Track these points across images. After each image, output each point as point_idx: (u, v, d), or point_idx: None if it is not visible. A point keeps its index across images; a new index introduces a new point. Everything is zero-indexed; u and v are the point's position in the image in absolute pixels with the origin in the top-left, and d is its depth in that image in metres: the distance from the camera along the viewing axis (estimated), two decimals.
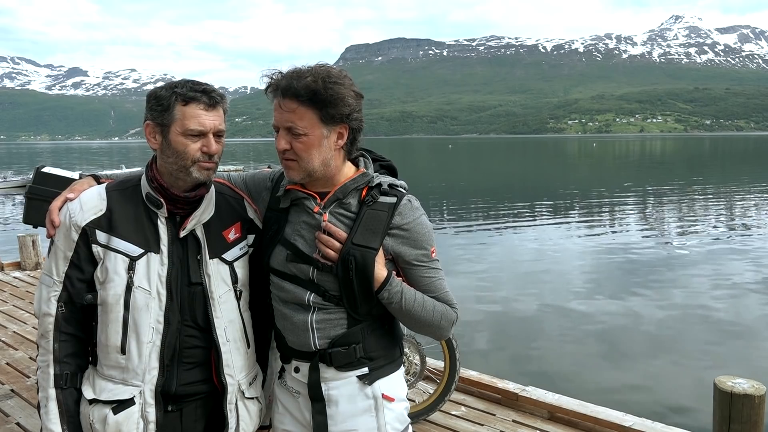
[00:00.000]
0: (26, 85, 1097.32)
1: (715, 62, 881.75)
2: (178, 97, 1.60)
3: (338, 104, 1.58)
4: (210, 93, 1.62)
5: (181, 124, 1.61)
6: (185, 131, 1.61)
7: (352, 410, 1.69)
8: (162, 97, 1.62)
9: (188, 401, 1.72)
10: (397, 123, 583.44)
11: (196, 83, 1.64)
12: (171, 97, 1.61)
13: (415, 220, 1.67)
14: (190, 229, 1.70)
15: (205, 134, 1.62)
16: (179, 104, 1.60)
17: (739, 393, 2.79)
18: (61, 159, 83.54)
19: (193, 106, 1.61)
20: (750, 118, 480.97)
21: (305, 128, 1.60)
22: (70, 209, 1.68)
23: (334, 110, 1.58)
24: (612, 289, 10.40)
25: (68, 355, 1.68)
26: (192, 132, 1.61)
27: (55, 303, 1.66)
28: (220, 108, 1.65)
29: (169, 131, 1.62)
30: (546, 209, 21.74)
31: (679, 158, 71.17)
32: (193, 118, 1.60)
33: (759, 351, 7.62)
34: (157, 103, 1.63)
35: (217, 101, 1.64)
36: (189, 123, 1.60)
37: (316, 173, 1.66)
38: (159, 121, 1.63)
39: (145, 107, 1.67)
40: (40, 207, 1.79)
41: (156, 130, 1.65)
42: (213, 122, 1.62)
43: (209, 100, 1.62)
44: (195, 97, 1.60)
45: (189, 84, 1.63)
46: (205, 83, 1.65)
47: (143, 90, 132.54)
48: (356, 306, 1.65)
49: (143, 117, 1.69)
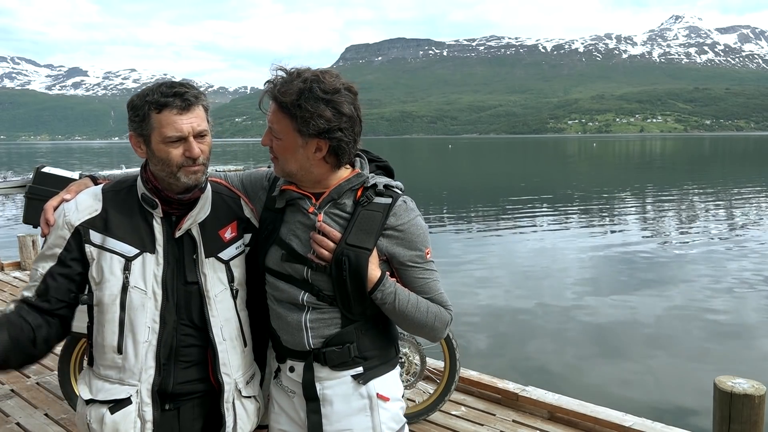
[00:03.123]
0: (26, 85, 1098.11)
1: (715, 62, 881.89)
2: (151, 105, 1.57)
3: (309, 122, 1.55)
4: (183, 95, 1.58)
5: (159, 133, 1.58)
6: (164, 139, 1.58)
7: (346, 410, 1.68)
8: (137, 107, 1.60)
9: (185, 400, 1.72)
10: (397, 123, 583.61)
11: (168, 86, 1.59)
12: (144, 107, 1.58)
13: (409, 221, 1.67)
14: (186, 229, 1.70)
15: (185, 138, 1.59)
16: (153, 112, 1.57)
17: (739, 393, 2.78)
18: (61, 159, 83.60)
19: (167, 113, 1.57)
20: (750, 118, 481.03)
21: (280, 133, 1.61)
22: (65, 208, 1.68)
23: (305, 127, 1.56)
24: (612, 289, 10.39)
25: (22, 311, 1.62)
26: (170, 139, 1.58)
27: (32, 294, 1.64)
28: (196, 107, 1.60)
29: (151, 140, 1.60)
30: (546, 209, 21.73)
31: (679, 158, 71.18)
32: (169, 125, 1.57)
33: (759, 351, 7.61)
34: (134, 114, 1.61)
35: (192, 102, 1.59)
36: (166, 130, 1.57)
37: (294, 176, 1.67)
38: (139, 131, 1.61)
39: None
40: (39, 207, 1.78)
41: (139, 141, 1.63)
42: (190, 125, 1.59)
43: (182, 102, 1.57)
44: (167, 103, 1.56)
45: (161, 89, 1.58)
46: (179, 83, 1.61)
47: None
48: (350, 306, 1.65)
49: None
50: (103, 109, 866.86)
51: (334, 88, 1.57)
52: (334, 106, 1.56)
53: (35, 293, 1.64)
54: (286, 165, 1.65)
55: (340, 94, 1.57)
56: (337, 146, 1.61)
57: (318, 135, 1.58)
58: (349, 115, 1.59)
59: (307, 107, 1.54)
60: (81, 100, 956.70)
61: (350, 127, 1.61)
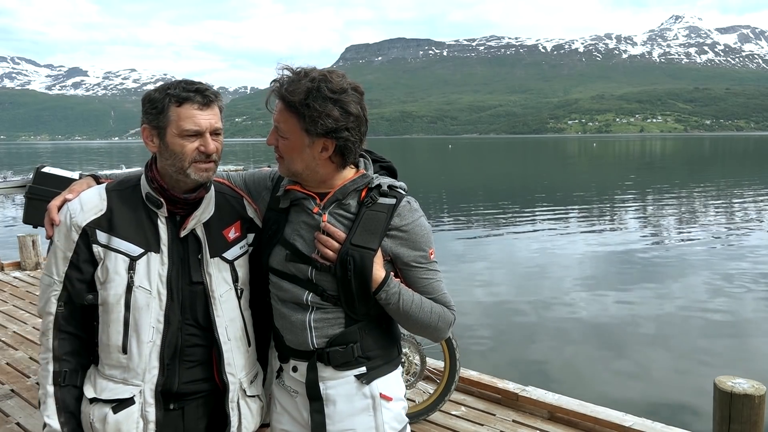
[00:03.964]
0: (26, 85, 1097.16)
1: (715, 62, 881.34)
2: (172, 98, 1.59)
3: (317, 121, 1.56)
4: (203, 92, 1.61)
5: (176, 126, 1.60)
6: (181, 132, 1.60)
7: (349, 409, 1.69)
8: (156, 100, 1.61)
9: (190, 400, 1.73)
10: (397, 123, 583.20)
11: (189, 83, 1.63)
12: (165, 99, 1.60)
13: (414, 221, 1.67)
14: (191, 229, 1.70)
15: (202, 134, 1.61)
16: (173, 105, 1.59)
17: (739, 393, 2.79)
18: (61, 159, 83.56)
19: (188, 106, 1.59)
20: (750, 118, 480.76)
21: (287, 132, 1.62)
22: (70, 209, 1.68)
23: (313, 126, 1.57)
24: (612, 289, 10.40)
25: (67, 353, 1.68)
26: (188, 132, 1.60)
27: (55, 302, 1.66)
28: (215, 106, 1.64)
29: (166, 133, 1.62)
30: (546, 209, 21.73)
31: (679, 158, 71.16)
32: (188, 119, 1.59)
33: (759, 351, 7.62)
34: (151, 106, 1.62)
35: (212, 99, 1.62)
36: (184, 123, 1.59)
37: (300, 176, 1.68)
38: (155, 123, 1.63)
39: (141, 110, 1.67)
40: (40, 207, 1.78)
41: (153, 133, 1.64)
42: (209, 121, 1.62)
43: (203, 99, 1.61)
44: (188, 97, 1.59)
45: (182, 84, 1.62)
46: (198, 82, 1.64)
47: (143, 90, 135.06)
48: (354, 306, 1.65)
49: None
50: (103, 109, 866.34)
51: (341, 88, 1.57)
52: (341, 105, 1.57)
53: (59, 300, 1.66)
54: (292, 164, 1.65)
55: (348, 94, 1.58)
56: (344, 146, 1.62)
57: (325, 134, 1.58)
58: (356, 115, 1.60)
59: (315, 106, 1.55)
60: (81, 100, 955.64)
61: (357, 127, 1.61)
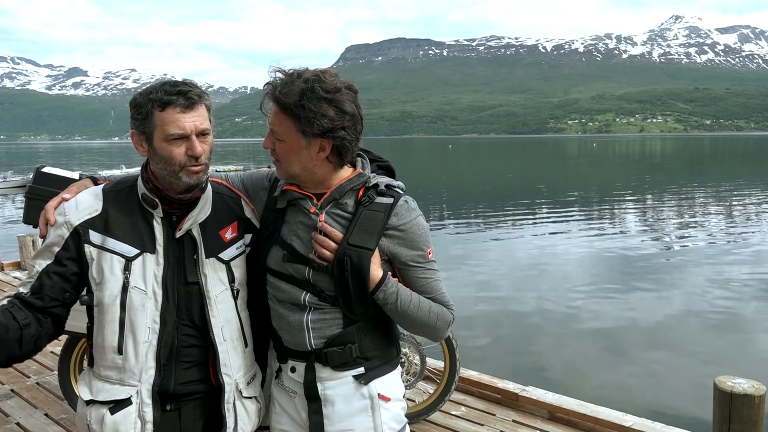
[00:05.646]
0: (26, 85, 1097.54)
1: (715, 62, 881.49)
2: (154, 103, 1.57)
3: (313, 122, 1.55)
4: (186, 93, 1.58)
5: (161, 131, 1.58)
6: (166, 137, 1.58)
7: (348, 410, 1.68)
8: (140, 105, 1.60)
9: (186, 400, 1.72)
10: (397, 123, 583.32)
11: (172, 84, 1.60)
12: (148, 104, 1.58)
13: (411, 221, 1.67)
14: (186, 230, 1.69)
15: (187, 137, 1.59)
16: (156, 110, 1.58)
17: (739, 393, 2.78)
18: (60, 159, 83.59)
19: (170, 111, 1.57)
20: (750, 118, 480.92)
21: (283, 135, 1.61)
22: (65, 207, 1.68)
23: (309, 127, 1.56)
24: (612, 289, 10.39)
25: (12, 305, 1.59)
26: (173, 136, 1.58)
27: (26, 290, 1.63)
28: (199, 106, 1.61)
29: (153, 138, 1.60)
30: (546, 209, 21.73)
31: (679, 158, 71.18)
32: (172, 123, 1.57)
33: (759, 351, 7.61)
34: (137, 112, 1.61)
35: (195, 101, 1.59)
36: (168, 128, 1.57)
37: (297, 177, 1.67)
38: (141, 129, 1.61)
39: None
40: (39, 207, 1.78)
41: (141, 138, 1.63)
42: (193, 123, 1.59)
43: (186, 101, 1.58)
44: (170, 101, 1.57)
45: (164, 87, 1.59)
46: (182, 82, 1.62)
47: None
48: (352, 306, 1.65)
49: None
50: (103, 109, 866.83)
51: (335, 87, 1.57)
52: (336, 105, 1.57)
53: (30, 290, 1.63)
54: (290, 167, 1.65)
55: (342, 93, 1.58)
56: (341, 145, 1.61)
57: (321, 135, 1.58)
58: (352, 114, 1.59)
59: (310, 107, 1.54)
60: (81, 100, 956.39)
61: (353, 126, 1.61)
